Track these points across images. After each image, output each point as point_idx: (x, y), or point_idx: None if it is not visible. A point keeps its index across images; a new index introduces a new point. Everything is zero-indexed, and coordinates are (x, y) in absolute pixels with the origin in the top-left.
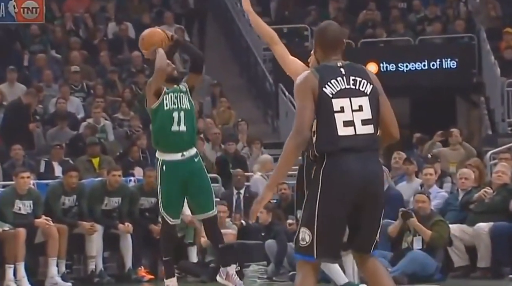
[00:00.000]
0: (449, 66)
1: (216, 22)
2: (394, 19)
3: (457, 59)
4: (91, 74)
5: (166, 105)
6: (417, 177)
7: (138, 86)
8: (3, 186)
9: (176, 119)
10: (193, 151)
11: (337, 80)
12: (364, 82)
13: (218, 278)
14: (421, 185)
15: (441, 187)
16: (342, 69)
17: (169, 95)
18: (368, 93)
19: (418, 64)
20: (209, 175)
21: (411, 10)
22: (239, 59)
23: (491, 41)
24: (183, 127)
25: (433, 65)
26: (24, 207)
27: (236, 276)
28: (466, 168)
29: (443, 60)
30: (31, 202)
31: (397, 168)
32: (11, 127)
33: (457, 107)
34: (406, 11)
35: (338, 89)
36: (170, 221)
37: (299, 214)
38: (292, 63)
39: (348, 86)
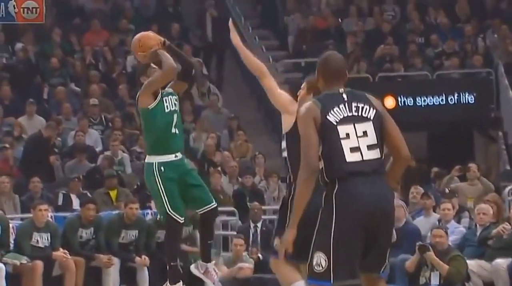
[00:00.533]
0: (467, 101)
1: (234, 56)
2: (412, 53)
3: (475, 94)
4: (110, 107)
5: (167, 108)
6: (434, 211)
7: None
8: (21, 219)
9: (174, 122)
10: (181, 153)
11: (339, 108)
12: (366, 108)
13: (194, 269)
14: (439, 220)
15: (459, 222)
16: (344, 96)
17: (168, 97)
18: (371, 118)
19: (436, 99)
20: (226, 208)
21: (429, 45)
22: (256, 93)
23: (509, 76)
24: (177, 130)
25: (451, 99)
26: (41, 239)
27: (215, 273)
28: (484, 203)
29: (461, 94)
30: (48, 234)
31: (414, 202)
32: (31, 160)
33: (475, 142)
34: (423, 45)
35: (341, 116)
36: (180, 219)
37: (276, 241)
38: (280, 97)
39: (351, 114)
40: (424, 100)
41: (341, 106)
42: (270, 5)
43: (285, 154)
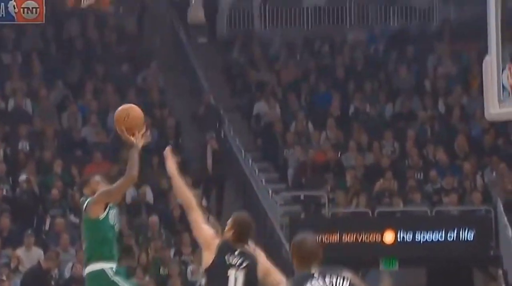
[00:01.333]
0: (466, 238)
1: (234, 188)
2: (411, 189)
3: (474, 231)
4: None
5: (111, 220)
6: None
7: (154, 252)
8: None
9: (116, 233)
10: None
11: (312, 284)
12: (340, 282)
13: None
14: None
15: None
16: (315, 274)
17: (113, 211)
18: None
19: (435, 235)
20: None
21: (428, 181)
22: (255, 226)
23: (508, 214)
24: (116, 242)
25: (450, 236)
26: None
27: None
28: None
29: (460, 231)
30: None
31: None
32: None
33: (474, 279)
34: (422, 181)
35: None
36: None
37: None
38: (203, 231)
39: None
40: (423, 236)
41: (314, 281)
42: (270, 139)
43: None
